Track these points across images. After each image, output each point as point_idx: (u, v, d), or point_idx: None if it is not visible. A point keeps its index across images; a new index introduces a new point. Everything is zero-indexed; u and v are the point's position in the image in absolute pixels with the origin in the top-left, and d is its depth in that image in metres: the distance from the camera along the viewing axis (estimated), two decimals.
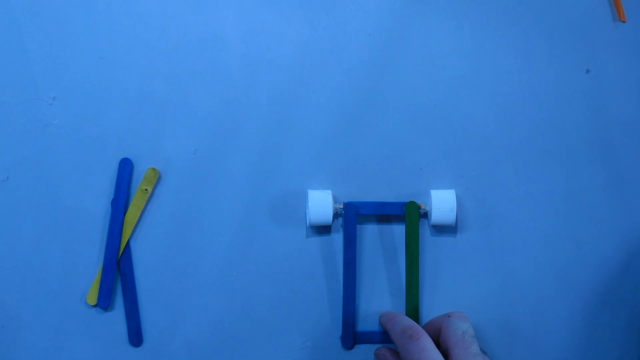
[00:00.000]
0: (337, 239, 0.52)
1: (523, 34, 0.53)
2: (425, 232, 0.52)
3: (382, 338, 0.52)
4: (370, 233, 0.52)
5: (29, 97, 0.51)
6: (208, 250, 0.51)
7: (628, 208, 0.53)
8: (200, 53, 0.51)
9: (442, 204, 0.50)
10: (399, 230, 0.52)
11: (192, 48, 0.51)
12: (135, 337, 0.51)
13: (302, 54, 0.52)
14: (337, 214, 0.51)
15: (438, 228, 0.52)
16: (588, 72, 0.53)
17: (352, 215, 0.51)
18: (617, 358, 0.53)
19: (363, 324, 0.52)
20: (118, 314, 0.51)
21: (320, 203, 0.50)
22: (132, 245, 0.51)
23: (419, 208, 0.51)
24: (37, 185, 0.50)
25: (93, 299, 0.50)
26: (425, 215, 0.52)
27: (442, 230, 0.52)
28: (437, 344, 0.47)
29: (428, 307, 0.52)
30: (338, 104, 0.52)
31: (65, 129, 0.51)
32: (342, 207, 0.51)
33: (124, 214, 0.50)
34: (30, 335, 0.50)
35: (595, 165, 0.53)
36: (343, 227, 0.51)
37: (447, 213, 0.50)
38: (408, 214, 0.51)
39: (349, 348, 0.52)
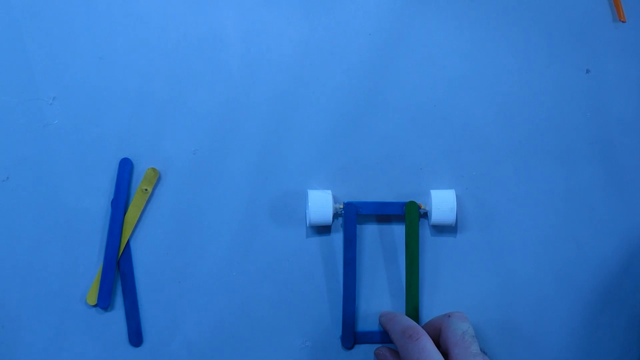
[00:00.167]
0: (337, 239, 0.52)
1: (523, 34, 0.53)
2: (425, 232, 0.52)
3: (382, 338, 0.52)
4: (370, 233, 0.52)
5: (29, 97, 0.51)
6: (208, 250, 0.51)
7: (628, 208, 0.53)
8: (200, 53, 0.51)
9: (442, 204, 0.50)
10: (399, 230, 0.52)
11: (192, 48, 0.51)
12: (135, 337, 0.51)
13: (302, 54, 0.52)
14: (337, 214, 0.51)
15: (438, 228, 0.52)
16: (588, 72, 0.53)
17: (352, 215, 0.51)
18: (617, 358, 0.53)
19: (363, 324, 0.52)
20: (118, 314, 0.51)
21: (320, 203, 0.50)
22: (132, 245, 0.51)
23: (419, 208, 0.51)
24: (37, 185, 0.50)
25: (93, 299, 0.50)
26: (425, 215, 0.52)
27: (442, 230, 0.52)
28: (437, 344, 0.47)
29: (428, 307, 0.52)
30: (338, 104, 0.52)
31: (65, 129, 0.51)
32: (342, 207, 0.51)
33: (124, 214, 0.50)
34: (30, 335, 0.50)
35: (595, 165, 0.53)
36: (343, 227, 0.51)
37: (447, 213, 0.50)
38: (408, 214, 0.51)
39: (349, 348, 0.52)
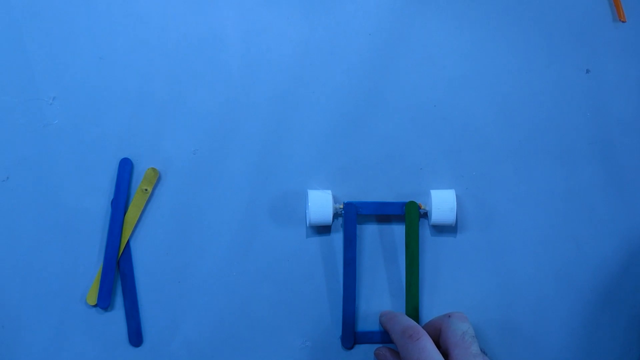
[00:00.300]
0: (337, 239, 0.52)
1: (523, 34, 0.53)
2: (425, 232, 0.52)
3: (382, 338, 0.52)
4: (370, 233, 0.52)
5: (29, 97, 0.51)
6: (208, 250, 0.51)
7: (628, 208, 0.53)
8: (200, 53, 0.51)
9: (442, 204, 0.50)
10: (399, 230, 0.52)
11: (192, 48, 0.51)
12: (135, 337, 0.51)
13: (302, 54, 0.52)
14: (337, 214, 0.51)
15: (438, 228, 0.52)
16: (588, 72, 0.53)
17: (352, 215, 0.51)
18: (617, 358, 0.53)
19: (363, 324, 0.52)
20: (118, 314, 0.51)
21: (320, 203, 0.50)
22: (132, 245, 0.51)
23: (419, 208, 0.51)
24: (37, 185, 0.50)
25: (93, 299, 0.50)
26: (425, 215, 0.52)
27: (442, 230, 0.52)
28: (437, 344, 0.47)
29: (428, 307, 0.52)
30: (338, 104, 0.52)
31: (65, 129, 0.51)
32: (342, 207, 0.51)
33: (124, 214, 0.50)
34: (30, 335, 0.50)
35: (595, 165, 0.53)
36: (343, 227, 0.51)
37: (447, 213, 0.50)
38: (408, 214, 0.51)
39: (349, 348, 0.52)
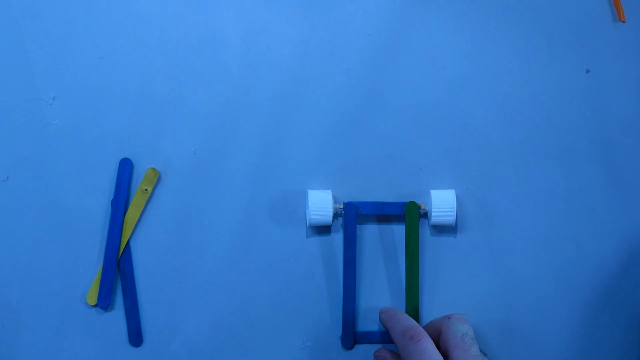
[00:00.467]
0: (337, 239, 0.52)
1: (523, 34, 0.53)
2: (425, 232, 0.52)
3: (382, 338, 0.52)
4: (370, 233, 0.52)
5: (29, 97, 0.51)
6: (208, 250, 0.51)
7: (628, 208, 0.53)
8: (200, 53, 0.51)
9: (442, 204, 0.50)
10: (399, 230, 0.52)
11: (192, 48, 0.51)
12: (135, 337, 0.51)
13: (302, 54, 0.52)
14: (337, 214, 0.51)
15: (438, 228, 0.52)
16: (588, 72, 0.53)
17: (352, 215, 0.51)
18: (617, 358, 0.53)
19: (363, 324, 0.52)
20: (118, 314, 0.51)
21: (320, 203, 0.50)
22: (132, 245, 0.51)
23: (419, 208, 0.51)
24: (37, 185, 0.50)
25: (93, 299, 0.50)
26: (425, 215, 0.52)
27: (442, 230, 0.52)
28: (436, 346, 0.47)
29: (428, 307, 0.52)
30: (338, 104, 0.52)
31: (65, 129, 0.51)
32: (342, 207, 0.51)
33: (124, 214, 0.50)
34: (30, 335, 0.50)
35: (595, 165, 0.53)
36: (343, 227, 0.51)
37: (447, 213, 0.50)
38: (408, 214, 0.51)
39: (349, 348, 0.52)
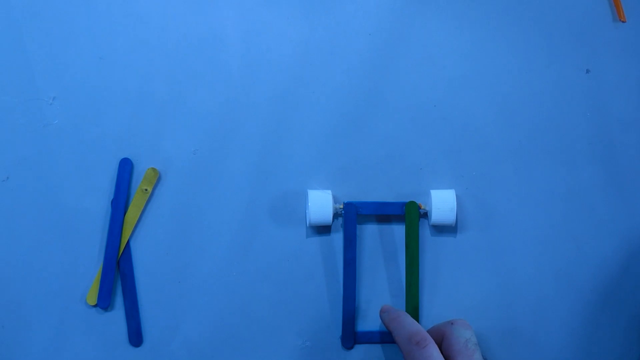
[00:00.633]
0: (337, 239, 0.52)
1: (523, 34, 0.53)
2: (425, 232, 0.52)
3: (382, 338, 0.52)
4: (370, 233, 0.52)
5: (29, 97, 0.51)
6: (208, 250, 0.51)
7: (628, 208, 0.53)
8: (200, 53, 0.51)
9: (442, 204, 0.50)
10: (399, 230, 0.52)
11: (192, 48, 0.51)
12: (135, 337, 0.51)
13: (302, 54, 0.52)
14: (337, 214, 0.51)
15: (438, 228, 0.52)
16: (588, 72, 0.53)
17: (352, 215, 0.51)
18: (617, 358, 0.53)
19: (363, 324, 0.52)
20: (118, 314, 0.51)
21: (320, 203, 0.50)
22: (132, 245, 0.51)
23: (419, 208, 0.51)
24: (37, 185, 0.50)
25: (93, 299, 0.50)
26: (425, 215, 0.52)
27: (442, 230, 0.52)
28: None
29: (428, 307, 0.52)
30: (338, 104, 0.52)
31: (65, 129, 0.51)
32: (342, 207, 0.51)
33: (124, 214, 0.50)
34: (30, 335, 0.50)
35: (595, 165, 0.53)
36: (343, 227, 0.51)
37: (447, 213, 0.50)
38: (408, 214, 0.51)
39: (349, 348, 0.52)
